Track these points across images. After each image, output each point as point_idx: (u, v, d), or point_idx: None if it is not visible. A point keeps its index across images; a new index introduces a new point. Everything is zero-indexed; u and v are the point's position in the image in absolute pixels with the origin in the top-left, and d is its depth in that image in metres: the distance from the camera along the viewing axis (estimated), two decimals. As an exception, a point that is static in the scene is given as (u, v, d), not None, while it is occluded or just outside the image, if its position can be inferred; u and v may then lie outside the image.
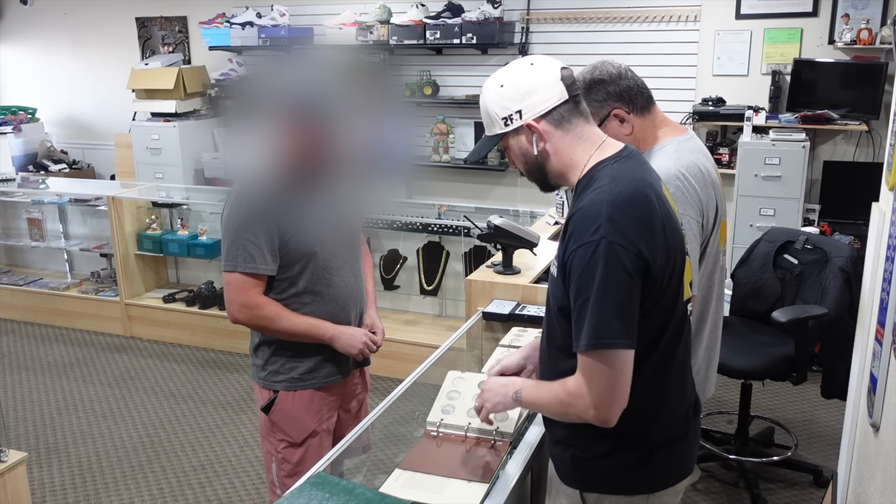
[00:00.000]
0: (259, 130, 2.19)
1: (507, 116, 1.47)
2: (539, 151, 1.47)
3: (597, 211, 1.36)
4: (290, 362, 2.14)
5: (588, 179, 1.44)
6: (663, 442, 1.50)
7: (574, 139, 1.46)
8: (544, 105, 1.44)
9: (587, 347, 1.35)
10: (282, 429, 2.17)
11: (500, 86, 1.47)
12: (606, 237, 1.33)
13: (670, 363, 1.48)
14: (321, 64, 5.42)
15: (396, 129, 5.21)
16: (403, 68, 5.42)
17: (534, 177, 1.54)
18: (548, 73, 1.45)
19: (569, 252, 1.38)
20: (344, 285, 2.16)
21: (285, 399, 2.15)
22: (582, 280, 1.35)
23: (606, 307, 1.33)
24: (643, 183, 1.42)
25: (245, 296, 2.05)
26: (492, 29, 4.91)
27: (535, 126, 1.45)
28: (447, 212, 4.65)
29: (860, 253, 2.82)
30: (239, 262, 2.01)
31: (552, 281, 1.50)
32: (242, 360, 4.62)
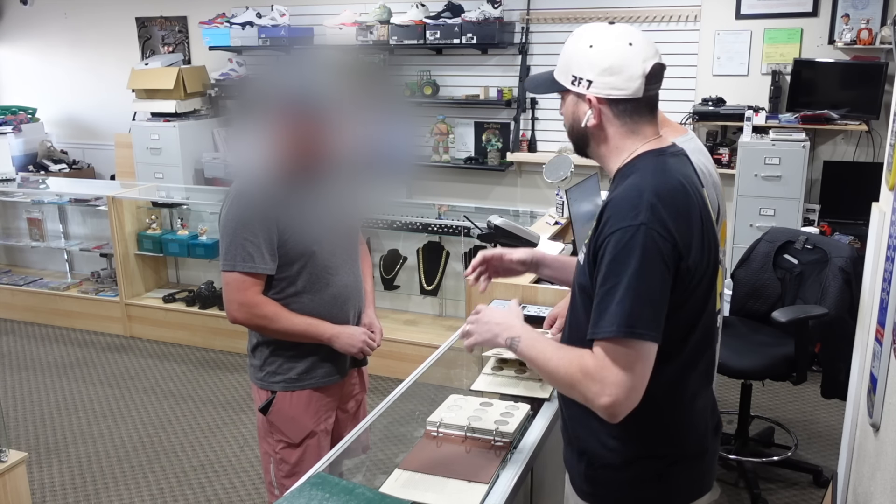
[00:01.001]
0: (259, 130, 2.18)
1: (578, 78, 1.40)
2: (587, 126, 1.42)
3: (637, 197, 1.31)
4: (288, 363, 2.14)
5: (631, 167, 1.40)
6: (682, 456, 1.46)
7: (627, 132, 1.42)
8: (615, 92, 1.38)
9: (614, 333, 1.28)
10: (279, 429, 2.17)
11: (590, 45, 1.39)
12: (646, 223, 1.28)
13: (693, 371, 1.43)
14: (321, 64, 5.42)
15: (397, 130, 5.20)
16: (403, 68, 5.42)
17: (573, 139, 1.49)
18: (638, 63, 1.36)
19: (604, 235, 1.32)
20: (343, 284, 2.16)
21: (283, 399, 2.15)
22: (614, 265, 1.30)
23: (639, 294, 1.27)
24: (687, 179, 1.39)
25: (244, 295, 2.04)
26: (492, 29, 4.91)
27: (595, 104, 1.39)
28: (447, 212, 4.65)
29: (860, 253, 2.82)
30: (238, 262, 2.01)
31: (578, 268, 1.46)
32: (242, 360, 4.61)
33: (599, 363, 1.30)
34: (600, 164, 1.49)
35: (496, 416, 1.79)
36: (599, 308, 1.31)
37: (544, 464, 1.93)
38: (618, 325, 1.28)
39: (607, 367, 1.29)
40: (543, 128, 5.20)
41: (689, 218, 1.34)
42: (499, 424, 1.74)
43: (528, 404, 1.87)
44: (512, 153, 5.22)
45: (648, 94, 1.39)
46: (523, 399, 1.91)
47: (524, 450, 1.71)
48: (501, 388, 2.01)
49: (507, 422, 1.76)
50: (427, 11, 5.14)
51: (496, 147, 5.32)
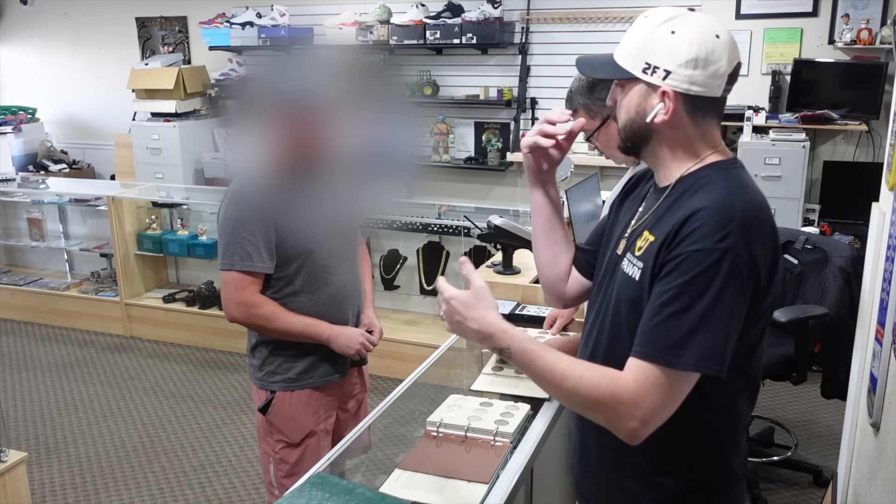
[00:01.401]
0: (258, 129, 2.19)
1: (652, 66, 1.23)
2: (653, 123, 1.26)
3: (727, 215, 1.17)
4: (287, 362, 2.14)
5: (698, 178, 1.26)
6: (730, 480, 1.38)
7: (698, 135, 1.28)
8: (695, 87, 1.22)
9: (682, 367, 1.16)
10: (279, 429, 2.17)
11: (672, 31, 1.22)
12: (734, 248, 1.15)
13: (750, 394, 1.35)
14: (320, 63, 5.42)
15: (397, 130, 5.20)
16: (403, 68, 5.42)
17: (628, 137, 1.32)
18: (725, 59, 1.23)
19: (682, 250, 1.18)
20: (342, 284, 2.16)
21: (282, 399, 2.15)
22: (690, 287, 1.16)
23: (715, 326, 1.15)
24: (763, 197, 1.26)
25: (242, 294, 2.04)
26: (492, 29, 4.91)
27: (670, 98, 1.23)
28: (447, 212, 4.65)
29: (860, 253, 2.82)
30: (236, 261, 2.01)
31: (629, 283, 1.29)
32: (242, 360, 4.61)
33: (640, 387, 1.18)
34: (655, 171, 1.35)
35: (496, 416, 1.79)
36: (661, 330, 1.18)
37: (544, 464, 1.93)
38: (687, 356, 1.16)
39: (648, 393, 1.18)
40: (543, 128, 5.19)
41: (772, 240, 1.23)
42: (499, 424, 1.74)
43: (528, 404, 1.87)
44: (512, 153, 5.21)
45: (724, 96, 1.27)
46: (523, 399, 1.91)
47: (524, 450, 1.71)
48: (501, 388, 2.01)
49: (507, 422, 1.76)
50: (427, 11, 5.14)
51: (496, 147, 5.32)
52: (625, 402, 1.19)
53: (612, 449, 1.34)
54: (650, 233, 1.28)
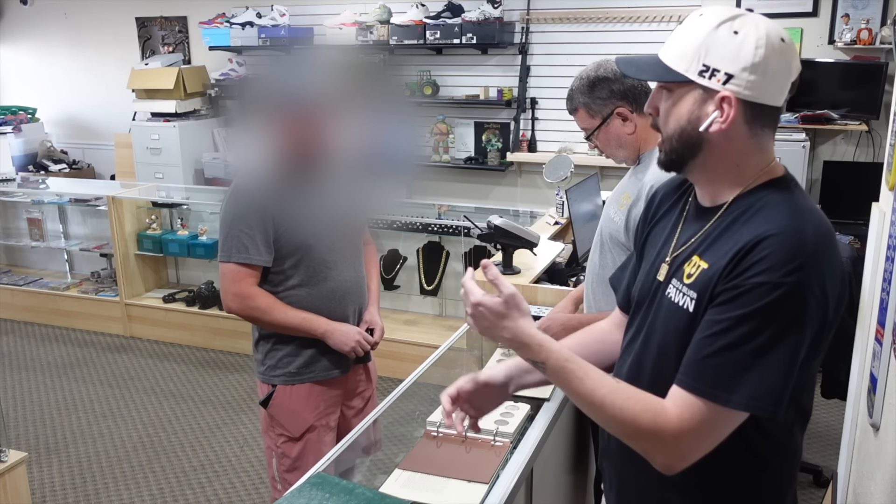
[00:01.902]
0: (257, 127, 2.23)
1: (711, 69, 1.12)
2: (707, 132, 1.14)
3: (800, 243, 1.07)
4: (288, 357, 2.17)
5: (756, 199, 1.15)
6: None
7: (754, 146, 1.16)
8: (759, 94, 1.12)
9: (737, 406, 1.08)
10: (280, 423, 2.19)
11: (735, 31, 1.11)
12: (803, 283, 1.05)
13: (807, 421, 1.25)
14: (319, 63, 5.42)
15: (398, 129, 5.21)
16: (403, 68, 5.42)
17: (675, 150, 1.19)
18: (789, 68, 1.14)
19: (743, 279, 1.08)
20: (342, 280, 2.18)
21: (283, 393, 2.18)
22: (754, 321, 1.06)
23: (778, 367, 1.06)
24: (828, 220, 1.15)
25: (238, 286, 2.08)
26: (492, 29, 4.91)
27: (731, 104, 1.12)
28: (447, 212, 4.65)
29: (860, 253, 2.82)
30: (233, 253, 2.06)
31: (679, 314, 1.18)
32: (242, 360, 4.62)
33: (683, 423, 1.11)
34: (701, 187, 1.23)
35: (496, 416, 1.79)
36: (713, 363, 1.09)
37: (544, 464, 1.93)
38: (739, 395, 1.07)
39: (692, 430, 1.10)
40: (543, 128, 5.20)
41: (841, 271, 1.12)
42: (499, 424, 1.74)
43: (528, 404, 1.87)
44: (512, 153, 5.22)
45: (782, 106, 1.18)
46: (523, 399, 1.91)
47: (524, 450, 1.71)
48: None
49: (507, 422, 1.76)
50: (427, 11, 5.14)
51: (496, 147, 5.32)
52: (666, 438, 1.11)
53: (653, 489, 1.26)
54: (701, 259, 1.17)
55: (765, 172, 1.18)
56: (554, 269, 3.03)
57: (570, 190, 3.23)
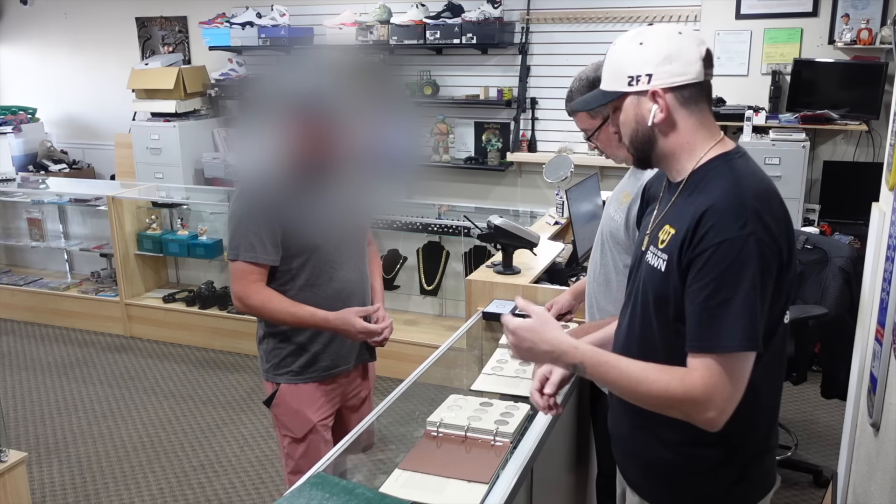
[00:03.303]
0: (265, 128, 2.24)
1: (635, 77, 1.35)
2: (655, 124, 1.36)
3: (740, 203, 1.27)
4: (291, 356, 2.17)
5: (707, 170, 1.35)
6: (760, 452, 1.45)
7: (696, 124, 1.37)
8: (678, 78, 1.34)
9: (737, 349, 1.25)
10: (284, 423, 2.20)
11: (640, 43, 1.36)
12: (755, 234, 1.25)
13: (776, 369, 1.43)
14: (326, 63, 5.42)
15: (404, 130, 5.20)
16: (403, 68, 5.42)
17: (637, 149, 1.42)
18: (692, 47, 1.34)
19: (706, 245, 1.27)
20: (346, 280, 2.18)
21: (286, 392, 2.18)
22: (726, 278, 1.25)
23: (755, 308, 1.25)
24: (772, 183, 1.36)
25: (240, 283, 2.10)
26: (492, 29, 4.91)
27: (662, 95, 1.34)
28: (447, 212, 4.65)
29: (860, 253, 2.82)
30: (241, 251, 2.08)
31: (654, 274, 1.38)
32: (242, 360, 4.62)
33: (707, 382, 1.27)
34: (668, 170, 1.43)
35: (496, 416, 1.79)
36: (710, 321, 1.27)
37: (544, 464, 1.93)
38: (741, 339, 1.25)
39: (720, 382, 1.27)
40: (543, 128, 5.20)
41: (786, 220, 1.33)
42: (499, 424, 1.74)
43: (528, 404, 1.87)
44: (512, 153, 5.22)
45: (707, 80, 1.37)
46: (523, 399, 1.91)
47: (524, 450, 1.71)
48: (501, 388, 2.01)
49: (507, 422, 1.76)
50: (427, 11, 5.14)
51: (496, 147, 5.32)
52: (699, 399, 1.27)
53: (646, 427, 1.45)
54: (671, 226, 1.36)
55: (715, 148, 1.38)
56: (554, 269, 3.03)
57: (570, 190, 3.23)
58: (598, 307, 2.06)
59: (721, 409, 1.27)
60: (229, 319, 4.73)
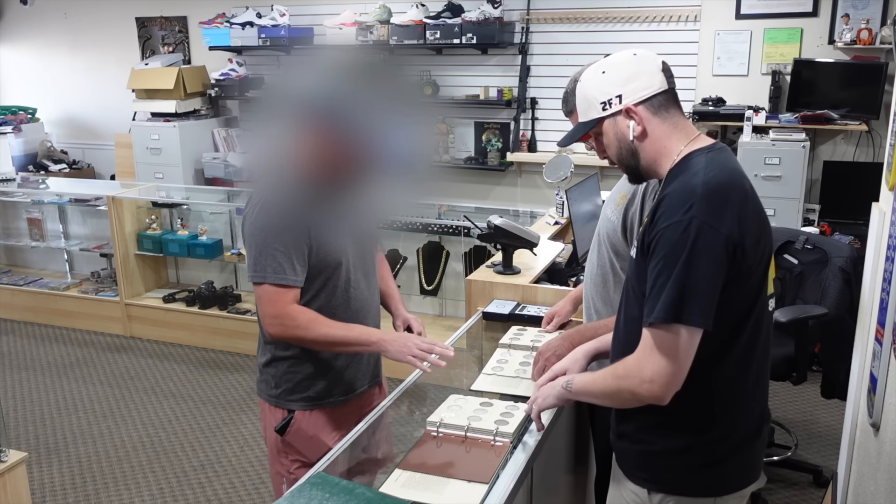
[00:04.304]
0: (287, 136, 2.04)
1: (607, 101, 1.49)
2: (635, 136, 1.48)
3: (690, 191, 1.38)
4: (307, 380, 2.01)
5: (680, 167, 1.46)
6: (737, 442, 1.50)
7: (670, 127, 1.49)
8: (645, 91, 1.47)
9: (660, 320, 1.35)
10: (297, 449, 2.03)
11: (602, 72, 1.50)
12: (698, 216, 1.34)
13: (751, 358, 1.47)
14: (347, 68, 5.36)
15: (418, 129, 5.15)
16: (403, 68, 5.42)
17: (626, 163, 1.54)
18: (650, 62, 1.49)
19: (657, 230, 1.39)
20: (363, 299, 2.04)
21: (302, 419, 2.02)
22: (668, 258, 1.36)
23: (688, 284, 1.34)
24: (736, 171, 1.45)
25: (276, 307, 1.88)
26: (492, 29, 4.91)
27: (634, 110, 1.47)
28: (447, 212, 4.65)
29: (860, 253, 2.82)
30: (269, 273, 1.86)
31: (631, 262, 1.53)
32: (242, 360, 4.62)
33: (640, 353, 1.40)
34: (657, 176, 1.53)
35: (496, 416, 1.79)
36: (652, 299, 1.38)
37: (544, 464, 1.93)
38: (664, 311, 1.34)
39: (648, 354, 1.38)
40: (543, 128, 5.20)
41: (744, 208, 1.38)
42: (499, 424, 1.74)
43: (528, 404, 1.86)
44: (512, 153, 5.22)
45: (671, 88, 1.49)
46: (523, 399, 1.90)
47: (524, 450, 1.71)
48: (501, 388, 2.01)
49: (507, 422, 1.76)
50: (427, 11, 5.14)
51: (496, 147, 5.32)
52: (631, 369, 1.41)
53: (626, 412, 1.56)
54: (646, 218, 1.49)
55: (690, 145, 1.48)
56: (554, 269, 3.03)
57: (570, 190, 3.23)
58: (594, 308, 2.06)
59: (654, 379, 1.37)
60: (229, 319, 4.73)
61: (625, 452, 1.60)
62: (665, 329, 1.35)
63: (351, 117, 1.88)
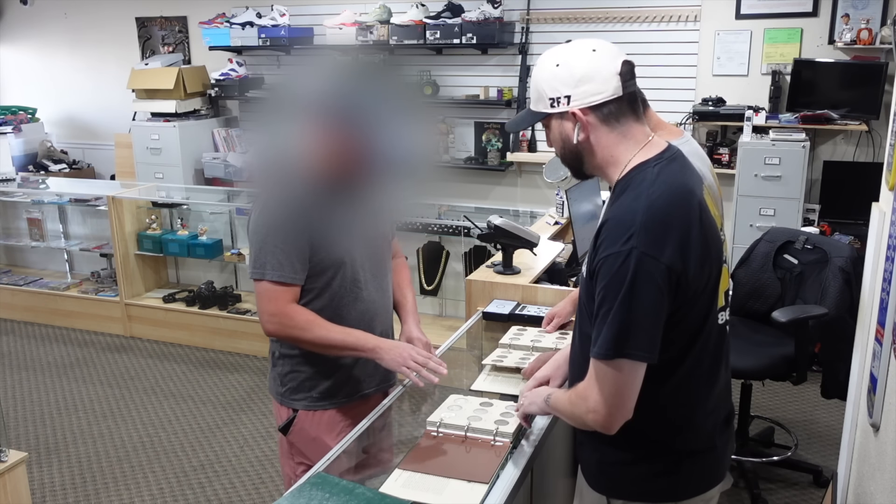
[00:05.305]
0: (289, 135, 2.05)
1: (555, 98, 1.41)
2: (579, 142, 1.42)
3: (630, 219, 1.32)
4: (311, 380, 1.99)
5: (627, 181, 1.40)
6: (690, 453, 1.50)
7: (618, 137, 1.42)
8: (595, 97, 1.38)
9: (603, 356, 1.34)
10: (300, 451, 2.03)
11: (556, 65, 1.41)
12: (637, 247, 1.30)
13: (700, 371, 1.47)
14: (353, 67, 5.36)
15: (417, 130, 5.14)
16: (403, 68, 5.42)
17: (568, 162, 1.49)
18: (607, 63, 1.38)
19: (598, 258, 1.35)
20: (371, 300, 2.01)
21: (305, 419, 2.01)
22: (608, 289, 1.33)
23: (629, 318, 1.31)
24: (682, 188, 1.38)
25: (275, 305, 1.88)
26: (492, 29, 4.91)
27: (581, 117, 1.39)
28: (447, 212, 4.65)
29: (860, 253, 2.82)
30: (268, 270, 1.87)
31: (582, 280, 1.50)
32: (242, 360, 4.62)
33: (588, 384, 1.39)
34: (603, 178, 1.49)
35: (496, 416, 1.79)
36: (596, 329, 1.36)
37: (544, 464, 1.93)
38: (606, 347, 1.33)
39: (592, 386, 1.37)
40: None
41: (687, 233, 1.34)
42: (499, 424, 1.74)
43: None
44: (512, 153, 5.22)
45: (628, 92, 1.40)
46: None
47: (524, 450, 1.71)
48: (501, 388, 2.01)
49: (507, 422, 1.76)
50: (427, 11, 5.14)
51: (496, 147, 5.32)
52: (580, 397, 1.41)
53: None
54: None
55: (638, 155, 1.41)
56: (554, 269, 3.03)
57: (570, 190, 3.23)
58: None
59: (597, 410, 1.37)
60: (229, 319, 4.73)
61: (585, 460, 1.61)
62: (608, 364, 1.34)
63: (349, 116, 1.88)
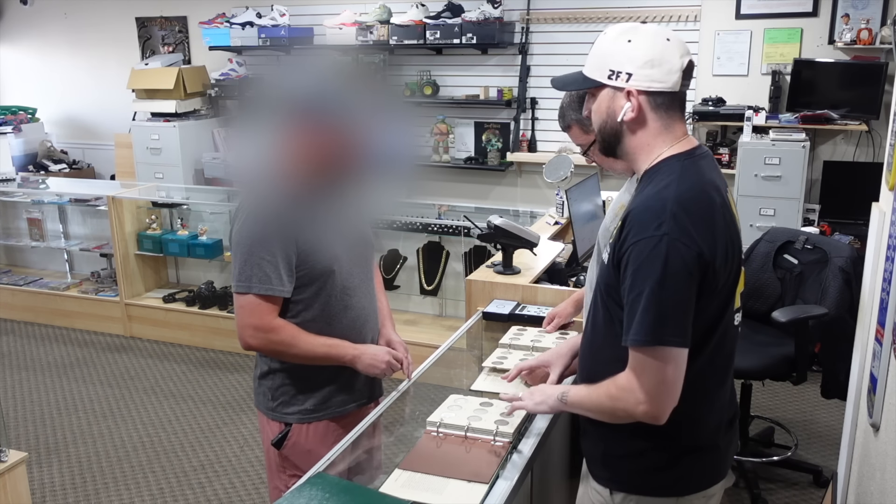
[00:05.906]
0: (275, 140, 2.00)
1: (616, 72, 1.41)
2: (624, 121, 1.43)
3: (661, 206, 1.35)
4: (302, 393, 1.97)
5: (656, 170, 1.43)
6: (694, 448, 1.51)
7: (660, 128, 1.44)
8: (655, 84, 1.40)
9: (642, 343, 1.34)
10: (294, 463, 1.99)
11: (628, 40, 1.41)
12: (669, 234, 1.32)
13: (713, 369, 1.47)
14: (337, 69, 5.38)
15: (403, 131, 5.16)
16: (403, 68, 5.42)
17: (604, 139, 1.49)
18: (676, 57, 1.40)
19: (627, 244, 1.36)
20: (360, 307, 2.00)
21: (298, 432, 1.98)
22: (639, 274, 1.34)
23: (664, 304, 1.32)
24: (710, 184, 1.41)
25: (259, 319, 1.86)
26: (492, 29, 4.91)
27: (636, 97, 1.41)
28: (447, 212, 4.65)
29: (860, 253, 2.82)
30: (254, 283, 1.82)
31: (601, 266, 1.50)
32: (242, 359, 4.62)
33: (630, 375, 1.38)
34: (627, 163, 1.50)
35: (496, 416, 1.79)
36: (628, 317, 1.36)
37: (544, 464, 1.93)
38: (644, 334, 1.33)
39: (638, 376, 1.37)
40: (543, 128, 5.20)
41: (713, 224, 1.36)
42: (499, 424, 1.74)
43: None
44: (512, 153, 5.22)
45: (682, 90, 1.43)
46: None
47: (524, 450, 1.71)
48: (501, 388, 2.01)
49: (507, 422, 1.76)
50: (427, 11, 5.14)
51: (496, 147, 5.32)
52: (625, 389, 1.39)
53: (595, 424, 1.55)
54: (618, 221, 1.45)
55: (673, 148, 1.43)
56: (554, 269, 3.03)
57: (570, 190, 3.23)
58: None
59: (648, 401, 1.36)
60: (229, 319, 4.73)
61: (589, 452, 1.62)
62: (649, 352, 1.35)
63: (332, 119, 1.84)
